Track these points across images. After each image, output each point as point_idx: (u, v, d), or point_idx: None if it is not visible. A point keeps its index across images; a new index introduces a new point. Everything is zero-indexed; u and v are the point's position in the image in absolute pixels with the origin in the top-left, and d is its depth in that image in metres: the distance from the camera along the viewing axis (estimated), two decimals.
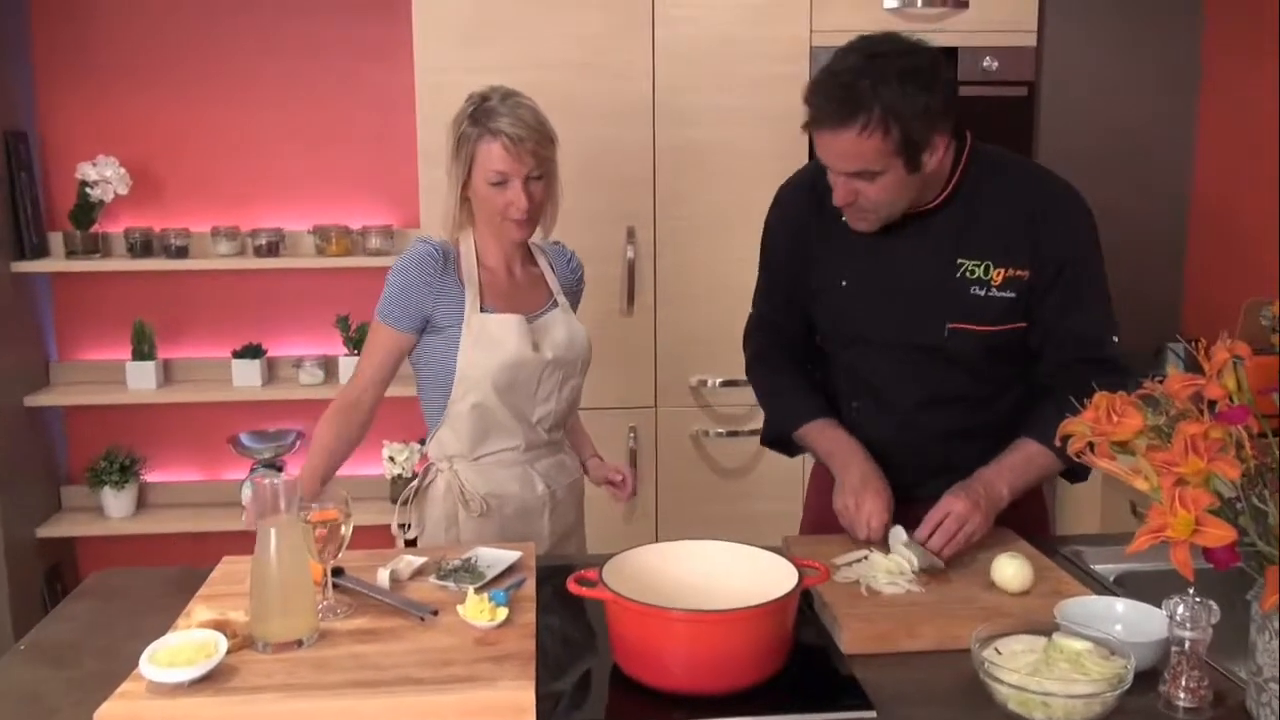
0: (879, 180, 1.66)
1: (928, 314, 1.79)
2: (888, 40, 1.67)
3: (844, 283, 1.85)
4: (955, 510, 1.69)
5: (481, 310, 1.96)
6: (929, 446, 1.85)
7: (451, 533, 1.99)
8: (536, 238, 2.04)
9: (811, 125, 1.67)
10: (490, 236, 2.00)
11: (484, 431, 1.98)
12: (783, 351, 2.00)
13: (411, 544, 2.03)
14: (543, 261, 2.11)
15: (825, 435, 1.89)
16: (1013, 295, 1.76)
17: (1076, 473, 1.88)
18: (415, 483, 2.05)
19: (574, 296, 2.16)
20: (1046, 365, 1.81)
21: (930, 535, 1.69)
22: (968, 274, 1.77)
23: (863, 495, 1.76)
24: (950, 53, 3.03)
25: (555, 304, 2.06)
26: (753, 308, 2.06)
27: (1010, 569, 1.60)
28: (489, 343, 1.94)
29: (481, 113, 1.91)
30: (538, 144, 1.91)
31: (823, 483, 2.05)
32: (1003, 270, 1.76)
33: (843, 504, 1.79)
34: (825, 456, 1.90)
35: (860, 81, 1.60)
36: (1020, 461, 1.77)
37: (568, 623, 1.60)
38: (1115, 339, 1.81)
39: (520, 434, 2.00)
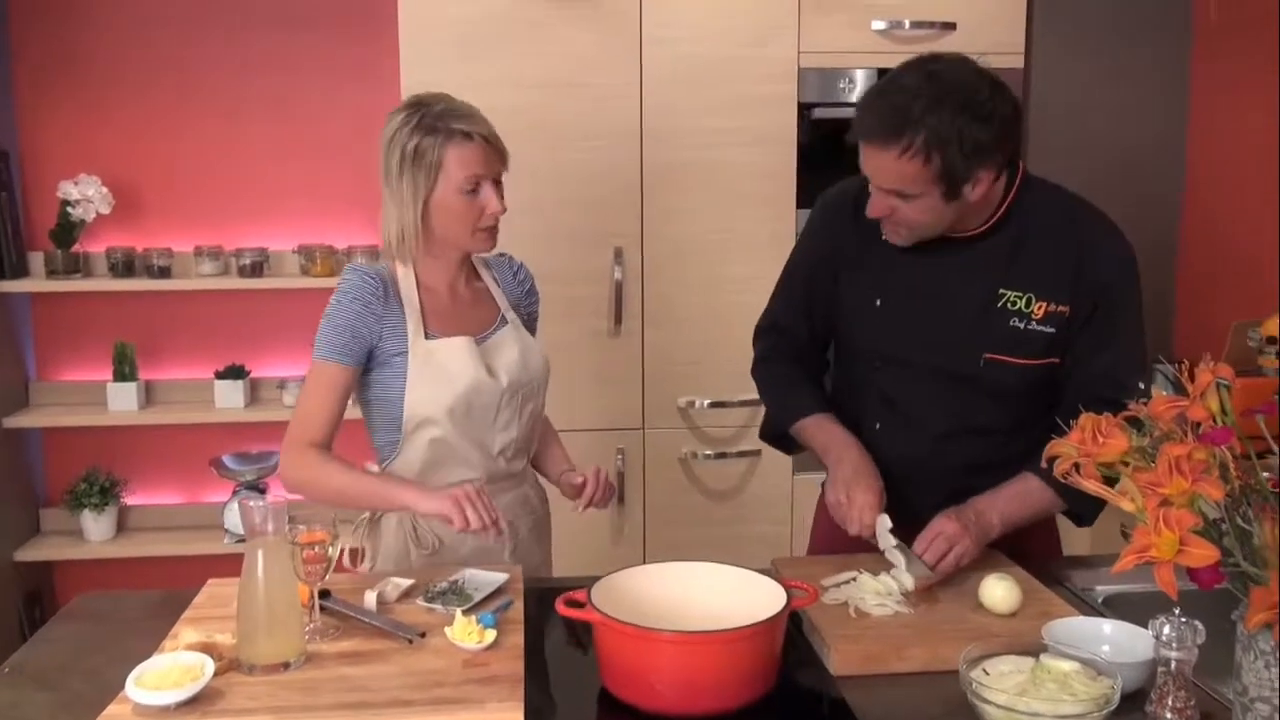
0: (914, 202, 1.66)
1: (964, 342, 1.77)
2: (954, 64, 1.65)
3: (878, 301, 1.84)
4: (946, 531, 1.69)
5: (426, 336, 1.83)
6: (949, 476, 1.82)
7: (404, 567, 1.87)
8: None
9: (856, 136, 1.66)
10: (432, 255, 1.86)
11: (440, 465, 1.86)
12: (790, 355, 1.99)
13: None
14: (487, 276, 1.98)
15: (822, 429, 1.88)
16: (1052, 330, 1.74)
17: (1083, 517, 1.84)
18: (366, 515, 1.93)
19: (527, 311, 2.02)
20: (1066, 402, 1.73)
21: (922, 554, 1.69)
22: (1009, 305, 1.75)
23: (854, 489, 1.75)
24: None
25: (504, 321, 1.94)
26: (767, 309, 2.04)
27: (999, 590, 1.60)
28: (439, 371, 1.81)
29: (433, 118, 1.77)
30: (498, 143, 1.82)
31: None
32: (1044, 304, 1.74)
33: (835, 498, 1.77)
34: (820, 450, 1.88)
35: (914, 103, 1.59)
36: (1016, 494, 1.76)
37: (556, 644, 1.60)
38: (1142, 384, 1.78)
39: (480, 465, 1.87)
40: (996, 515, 1.74)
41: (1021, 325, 1.75)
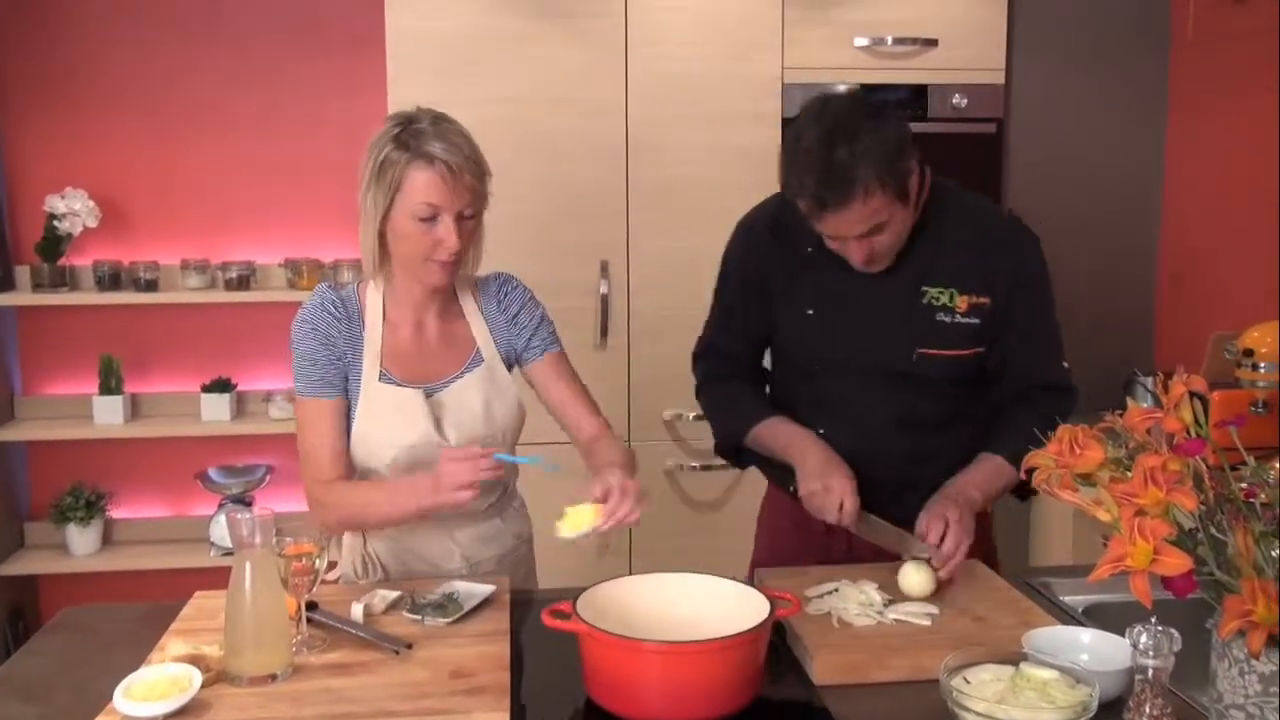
0: (888, 228, 1.73)
1: (896, 340, 1.85)
2: (828, 102, 1.73)
3: (810, 312, 1.90)
4: (951, 516, 1.72)
5: (380, 378, 1.75)
6: (895, 467, 1.89)
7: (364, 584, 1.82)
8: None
9: (813, 214, 1.70)
10: (401, 283, 1.77)
11: None
12: (730, 373, 2.05)
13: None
14: (470, 304, 1.85)
15: (779, 429, 1.93)
16: (977, 321, 1.84)
17: (1024, 491, 1.93)
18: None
19: (520, 333, 1.85)
20: (1005, 388, 1.89)
21: (939, 544, 1.72)
22: (933, 301, 1.83)
23: (829, 478, 1.78)
24: (920, 90, 3.10)
25: (478, 361, 1.81)
26: (703, 334, 2.10)
27: (915, 577, 1.66)
28: (383, 421, 1.73)
29: (409, 135, 1.66)
30: (475, 176, 1.68)
31: (774, 518, 2.08)
32: (967, 298, 1.83)
33: (808, 489, 1.80)
34: (782, 449, 1.92)
35: (837, 152, 1.63)
36: (988, 471, 1.85)
37: (542, 655, 1.61)
38: (1065, 363, 1.90)
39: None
40: (977, 490, 1.82)
41: (947, 319, 1.83)
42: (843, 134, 1.65)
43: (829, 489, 1.77)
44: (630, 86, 3.01)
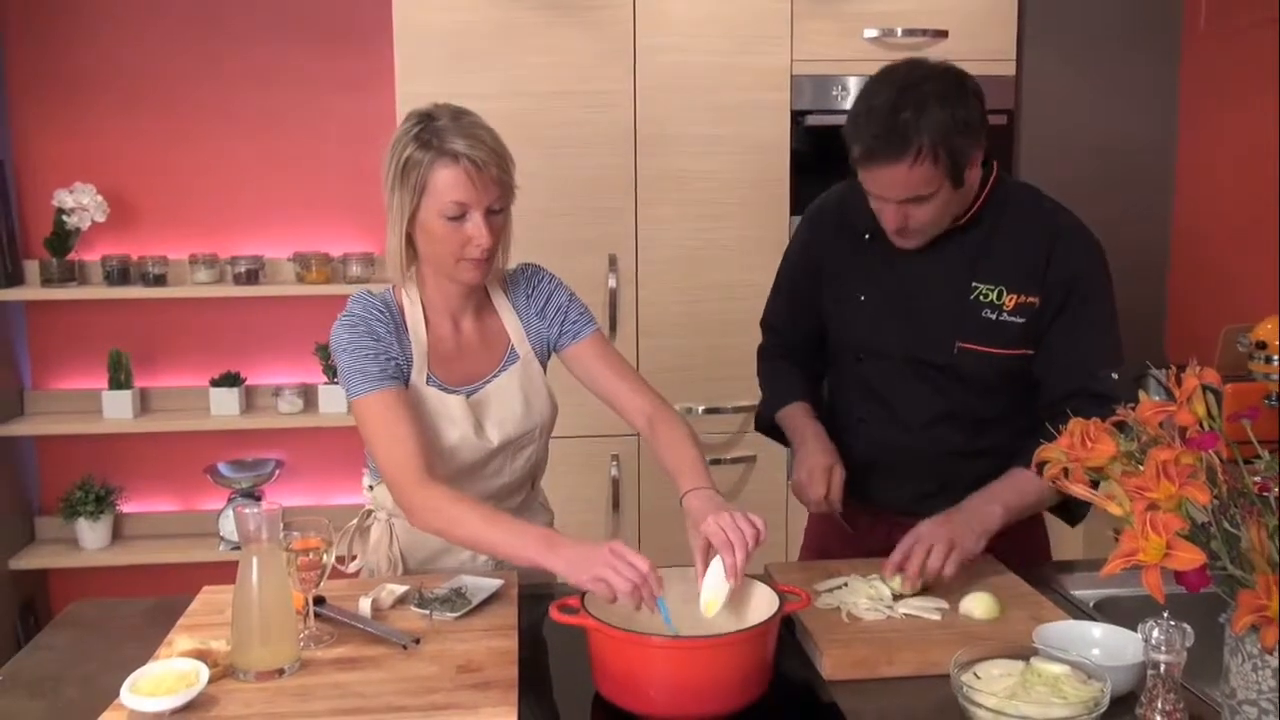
0: (928, 203, 1.72)
1: (939, 332, 1.84)
2: (914, 67, 1.72)
3: (862, 297, 1.91)
4: (921, 534, 1.69)
5: (427, 381, 1.73)
6: (934, 463, 1.89)
7: (387, 575, 1.82)
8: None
9: (861, 162, 1.70)
10: (434, 283, 1.76)
11: None
12: (781, 351, 2.10)
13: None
14: (503, 301, 1.83)
15: (792, 418, 1.99)
16: (1023, 321, 1.81)
17: (1073, 515, 1.90)
18: (355, 522, 1.88)
19: (552, 322, 1.83)
20: (1044, 394, 1.84)
21: (899, 563, 1.68)
22: (981, 297, 1.82)
23: (815, 469, 1.84)
24: None
25: (513, 358, 1.80)
26: (767, 304, 2.14)
27: (978, 610, 1.62)
28: (427, 422, 1.71)
29: (431, 133, 1.63)
30: (500, 169, 1.65)
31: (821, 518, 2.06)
32: (1015, 296, 1.81)
33: (797, 478, 1.87)
34: (790, 434, 1.99)
35: (902, 114, 1.64)
36: (1013, 485, 1.78)
37: (550, 650, 1.60)
38: (1115, 375, 1.83)
39: None
40: (999, 505, 1.75)
41: (993, 316, 1.82)
42: (914, 98, 1.65)
43: (812, 478, 1.83)
44: (638, 79, 2.99)
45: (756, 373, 2.15)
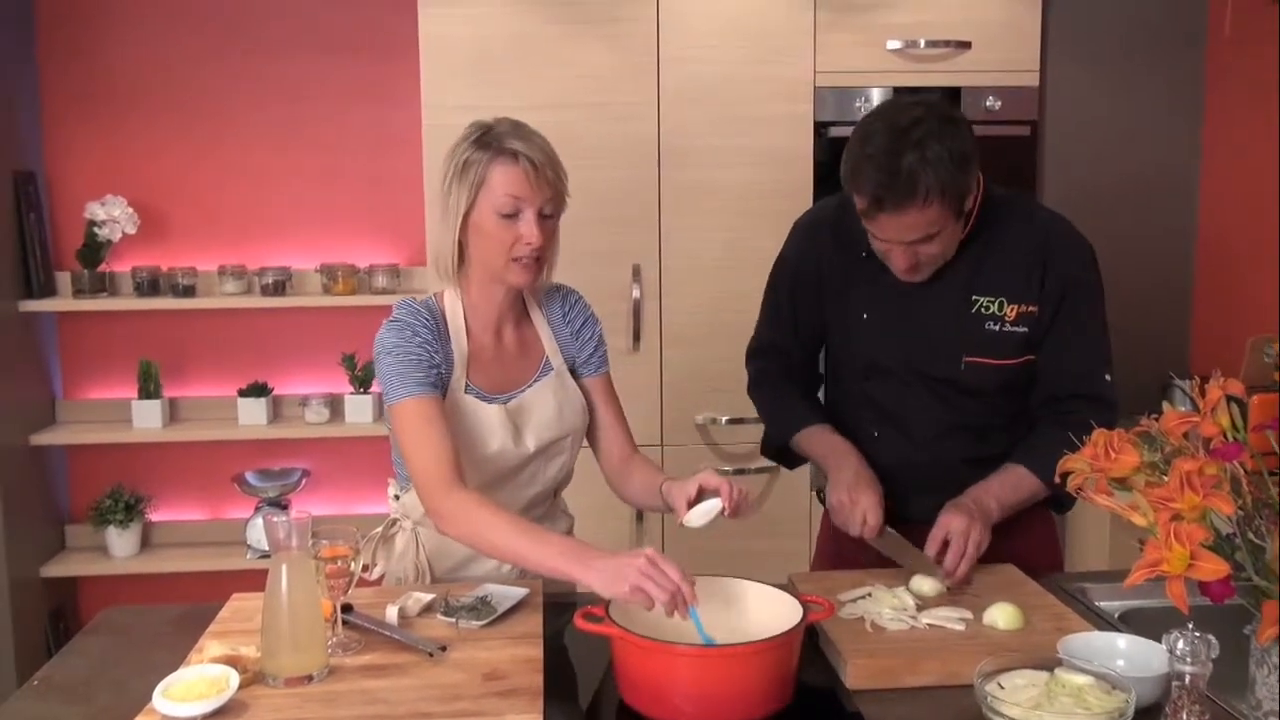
0: (937, 239, 1.73)
1: (945, 348, 1.86)
2: (902, 108, 1.72)
3: (865, 316, 1.92)
4: (955, 527, 1.74)
5: (466, 389, 1.76)
6: (948, 474, 1.90)
7: (411, 584, 1.83)
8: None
9: (869, 212, 1.71)
10: (480, 289, 1.79)
11: None
12: (782, 373, 2.07)
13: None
14: (538, 315, 1.87)
15: (821, 439, 1.97)
16: (1025, 330, 1.84)
17: (1063, 502, 1.94)
18: (380, 530, 1.88)
19: (581, 347, 1.88)
20: (1039, 395, 1.89)
21: (939, 556, 1.74)
22: (982, 310, 1.84)
23: (857, 491, 1.82)
24: (954, 93, 3.08)
25: (547, 368, 1.84)
26: (755, 332, 2.12)
27: (1001, 621, 1.62)
28: (465, 431, 1.74)
29: (491, 137, 1.71)
30: (555, 174, 1.72)
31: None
32: (1016, 307, 1.83)
33: (837, 499, 1.85)
34: (819, 459, 1.97)
35: (904, 159, 1.64)
36: (1008, 482, 1.84)
37: (575, 658, 1.61)
38: (1108, 377, 1.88)
39: None
40: (994, 500, 1.82)
41: (996, 328, 1.84)
42: (912, 140, 1.65)
43: (855, 502, 1.81)
44: (662, 90, 3.01)
45: (753, 399, 2.11)
